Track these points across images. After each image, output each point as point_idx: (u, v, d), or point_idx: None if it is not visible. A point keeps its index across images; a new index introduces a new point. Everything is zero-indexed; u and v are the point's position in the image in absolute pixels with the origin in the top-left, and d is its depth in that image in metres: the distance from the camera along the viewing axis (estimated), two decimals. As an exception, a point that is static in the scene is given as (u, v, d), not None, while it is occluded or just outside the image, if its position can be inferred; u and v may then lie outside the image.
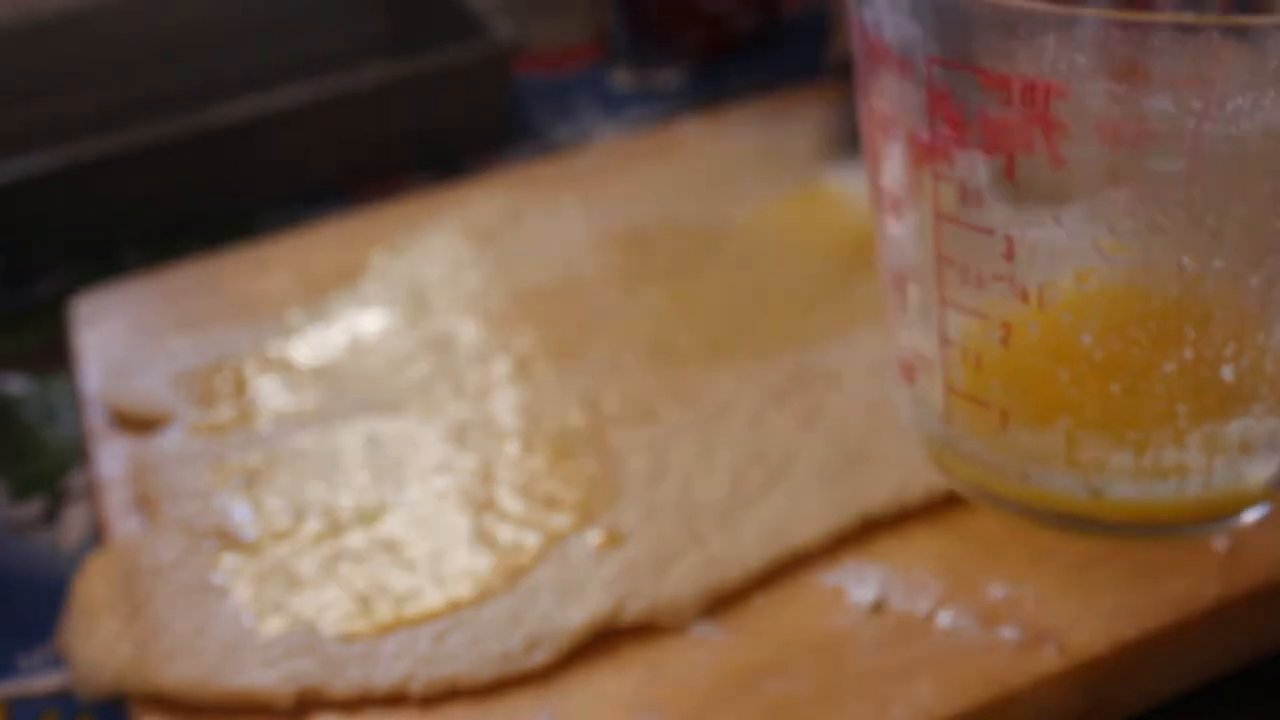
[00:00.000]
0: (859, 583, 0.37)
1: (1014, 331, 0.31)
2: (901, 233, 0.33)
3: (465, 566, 0.39)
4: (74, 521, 0.48)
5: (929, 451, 0.36)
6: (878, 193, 0.33)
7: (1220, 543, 0.37)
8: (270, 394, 0.47)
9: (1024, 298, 0.30)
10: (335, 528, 0.41)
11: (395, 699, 0.36)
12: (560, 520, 0.40)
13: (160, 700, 0.36)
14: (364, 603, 0.38)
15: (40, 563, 0.47)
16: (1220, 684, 0.37)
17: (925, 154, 0.30)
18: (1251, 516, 0.34)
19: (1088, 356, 0.31)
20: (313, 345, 0.49)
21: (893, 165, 0.32)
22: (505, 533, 0.40)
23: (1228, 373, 0.30)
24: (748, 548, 0.38)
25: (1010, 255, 0.30)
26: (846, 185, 0.52)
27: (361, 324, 0.50)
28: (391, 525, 0.41)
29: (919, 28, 0.29)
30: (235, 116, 0.60)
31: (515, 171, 0.60)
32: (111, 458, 0.45)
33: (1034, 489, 0.33)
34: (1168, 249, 0.29)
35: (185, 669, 0.36)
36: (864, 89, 0.32)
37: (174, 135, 0.60)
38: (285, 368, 0.48)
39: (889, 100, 0.31)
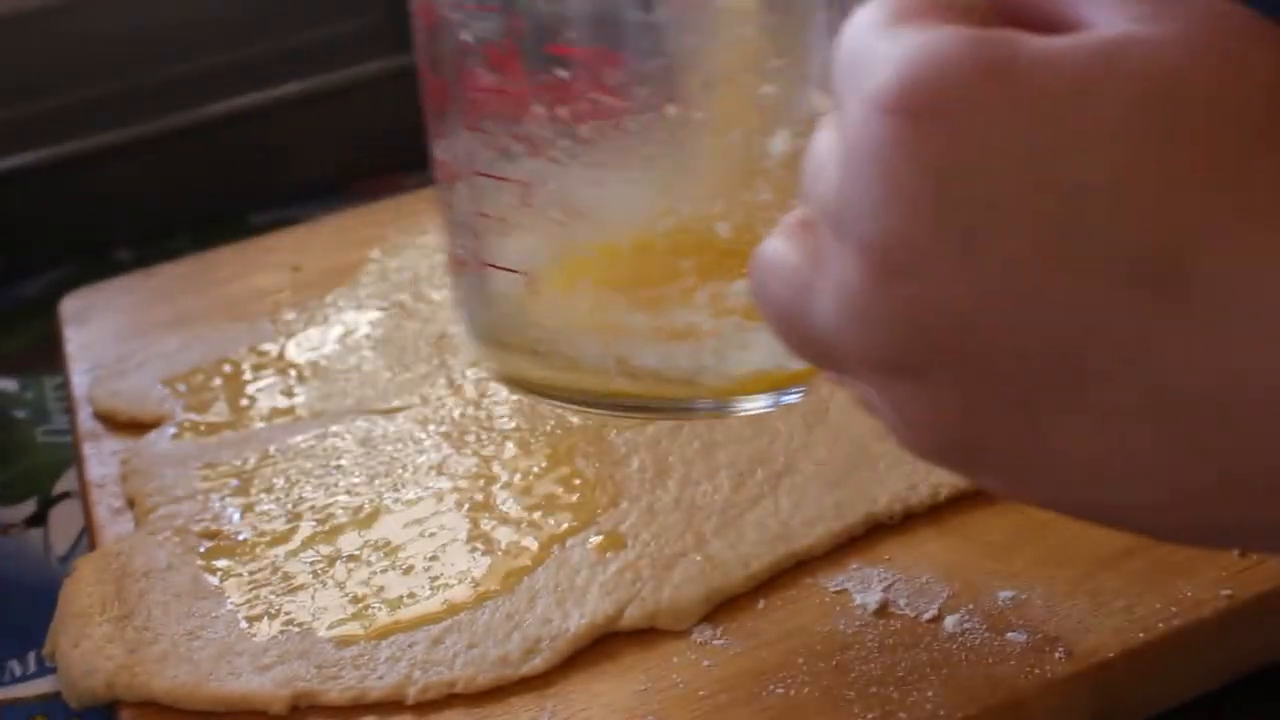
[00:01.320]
0: (863, 586, 0.37)
1: (534, 190, 0.32)
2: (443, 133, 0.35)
3: (462, 569, 0.38)
4: (65, 523, 0.47)
5: (477, 348, 0.37)
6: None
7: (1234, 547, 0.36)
8: (264, 394, 0.46)
9: (535, 152, 0.32)
10: (330, 530, 0.40)
11: (391, 704, 0.35)
12: (559, 522, 0.39)
13: (152, 705, 0.36)
14: (359, 606, 0.37)
15: (31, 565, 0.46)
16: (1223, 687, 0.36)
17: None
18: (786, 399, 0.34)
19: (598, 211, 0.32)
20: (307, 345, 0.49)
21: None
22: (503, 535, 0.39)
23: (722, 229, 0.31)
24: (750, 550, 0.38)
25: (525, 112, 0.32)
26: None
27: (357, 323, 0.49)
28: (387, 527, 0.40)
29: None
30: (229, 111, 0.60)
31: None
32: (102, 458, 0.45)
33: (565, 363, 0.34)
34: (653, 94, 0.31)
35: (178, 673, 0.36)
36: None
37: (166, 130, 0.59)
38: (279, 367, 0.48)
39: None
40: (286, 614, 0.37)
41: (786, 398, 0.34)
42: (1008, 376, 0.22)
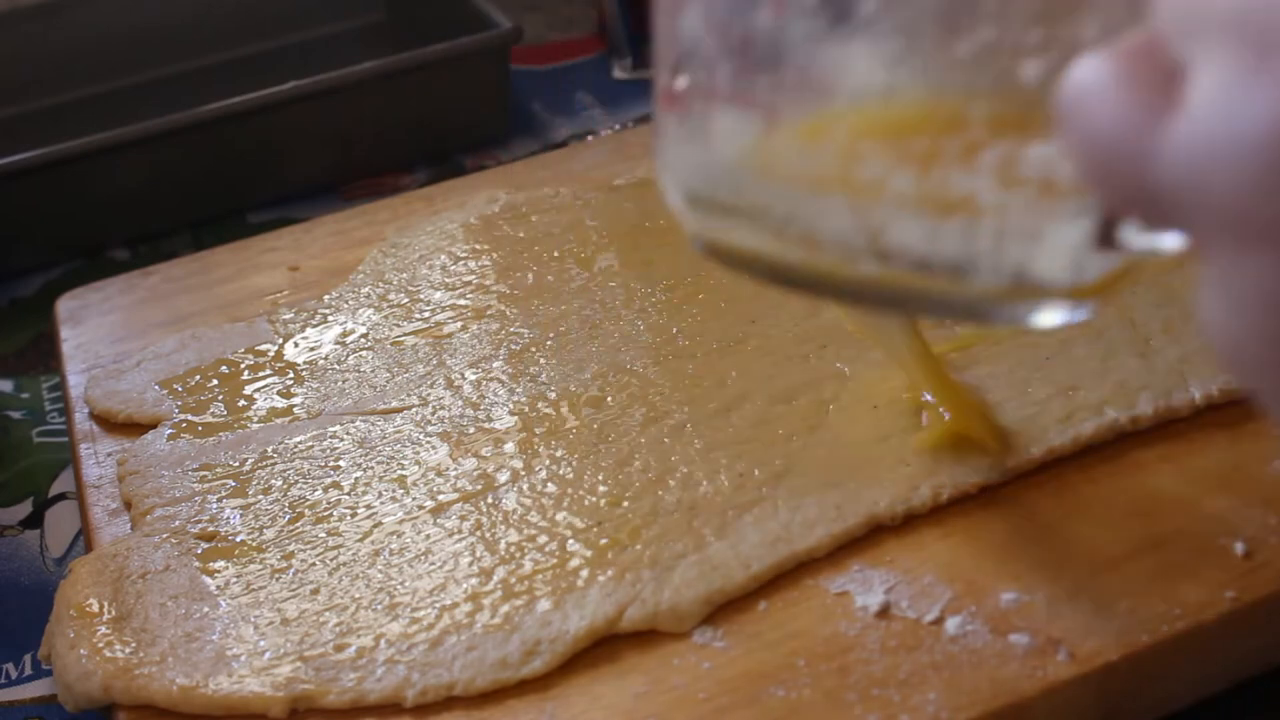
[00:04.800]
0: (865, 588, 0.36)
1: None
2: None
3: (461, 571, 0.38)
4: (61, 524, 0.47)
5: (685, 216, 0.30)
6: None
7: (1238, 548, 0.36)
8: (261, 395, 0.46)
9: None
10: (328, 531, 0.40)
11: (390, 706, 0.35)
12: (559, 523, 0.39)
13: (149, 708, 0.35)
14: (358, 607, 0.37)
15: (26, 566, 0.46)
16: (1226, 690, 0.36)
17: None
18: (1057, 315, 0.27)
19: (868, 16, 0.26)
20: (305, 345, 0.48)
21: None
22: (502, 536, 0.39)
23: (1031, 70, 0.25)
24: (751, 552, 0.37)
25: None
26: None
27: (355, 323, 0.49)
28: (386, 528, 0.40)
29: None
30: (227, 111, 0.59)
31: (514, 167, 0.59)
32: (99, 459, 0.45)
33: (796, 233, 0.27)
34: None
35: (175, 676, 0.36)
36: None
37: (164, 130, 0.59)
38: (277, 368, 0.47)
39: None
40: (285, 616, 0.37)
41: (1074, 314, 0.27)
42: None
